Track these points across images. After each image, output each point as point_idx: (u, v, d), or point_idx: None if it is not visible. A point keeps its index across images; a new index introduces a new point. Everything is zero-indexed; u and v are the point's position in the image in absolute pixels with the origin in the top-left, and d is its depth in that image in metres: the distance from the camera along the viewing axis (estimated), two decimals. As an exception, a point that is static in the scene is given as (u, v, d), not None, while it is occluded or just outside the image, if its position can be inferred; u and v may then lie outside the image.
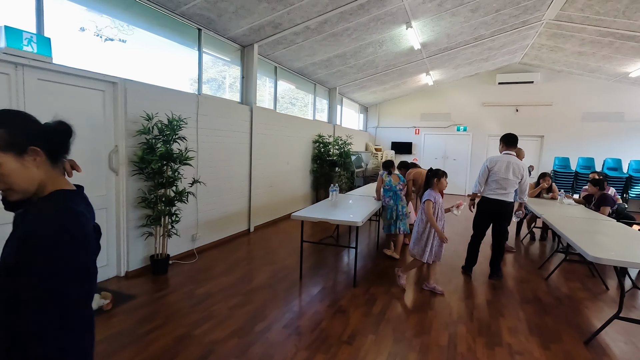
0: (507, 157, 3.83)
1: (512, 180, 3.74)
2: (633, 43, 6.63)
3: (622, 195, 8.68)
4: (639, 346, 2.58)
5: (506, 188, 3.74)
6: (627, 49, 6.95)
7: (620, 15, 5.70)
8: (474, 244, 3.98)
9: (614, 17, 5.79)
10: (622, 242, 2.87)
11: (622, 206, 5.08)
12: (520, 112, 10.33)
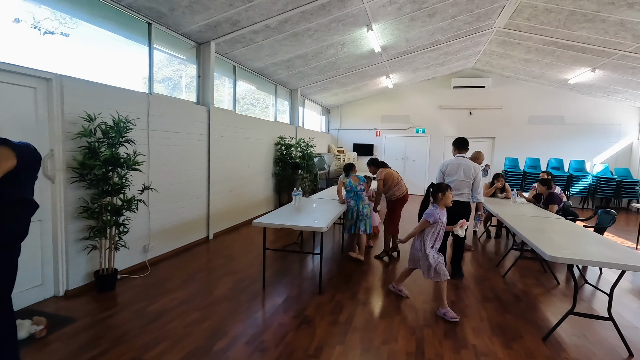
0: (458, 160, 4.03)
1: (464, 181, 3.94)
2: (572, 52, 7.16)
3: (565, 193, 9.37)
4: (591, 340, 2.71)
5: (459, 189, 3.94)
6: (567, 57, 7.50)
7: (561, 26, 6.11)
8: None
9: (555, 27, 6.20)
10: (572, 239, 3.02)
11: (567, 204, 5.43)
12: (473, 115, 10.84)
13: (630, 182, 9.17)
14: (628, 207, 9.62)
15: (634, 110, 9.74)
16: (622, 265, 2.39)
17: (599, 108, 9.91)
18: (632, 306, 3.39)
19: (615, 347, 2.61)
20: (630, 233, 6.55)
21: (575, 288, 2.71)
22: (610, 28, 5.74)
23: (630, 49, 6.31)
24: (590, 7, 5.23)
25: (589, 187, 9.41)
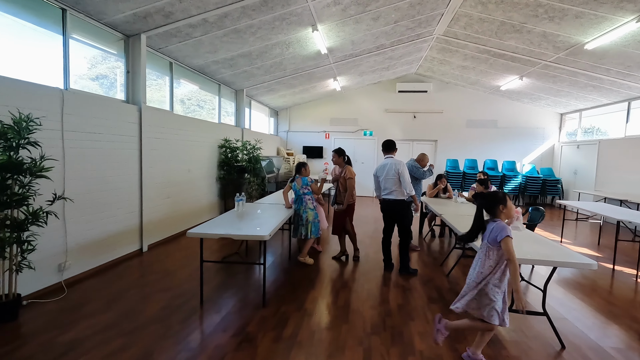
0: (385, 161, 4.26)
1: (390, 179, 4.10)
2: (503, 60, 7.69)
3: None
4: (528, 335, 2.81)
5: (388, 188, 4.14)
6: (498, 65, 8.04)
7: (493, 35, 6.51)
8: (384, 241, 4.37)
9: (488, 36, 6.59)
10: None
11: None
12: (417, 118, 11.26)
13: (553, 180, 10.10)
14: (552, 203, 10.59)
15: (555, 115, 10.78)
16: (554, 262, 2.49)
17: (526, 113, 10.82)
18: (561, 297, 3.61)
19: (549, 341, 2.72)
20: (555, 227, 7.16)
21: (513, 286, 2.78)
22: (534, 39, 6.22)
23: (552, 59, 6.92)
24: (518, 18, 5.61)
25: (520, 185, 10.21)
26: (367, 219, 7.59)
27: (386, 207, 4.22)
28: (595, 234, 6.78)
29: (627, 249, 5.51)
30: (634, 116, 8.12)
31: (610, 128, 9.21)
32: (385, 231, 4.33)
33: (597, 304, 3.52)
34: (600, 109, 9.18)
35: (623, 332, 2.94)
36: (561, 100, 9.49)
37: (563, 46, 6.20)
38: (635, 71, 6.52)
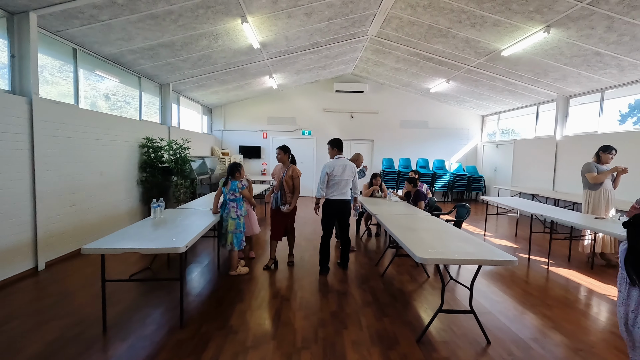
0: (342, 161, 4.17)
1: (347, 180, 4.14)
2: (431, 64, 8.04)
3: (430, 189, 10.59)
4: (457, 333, 2.82)
5: (344, 188, 4.14)
6: (428, 68, 8.40)
7: (423, 39, 6.74)
8: (325, 243, 4.21)
9: (418, 39, 6.81)
10: (438, 237, 3.14)
11: (432, 200, 5.97)
12: (354, 118, 11.41)
13: (477, 177, 10.91)
14: (476, 198, 11.44)
15: (478, 117, 11.66)
16: (479, 260, 2.51)
17: (452, 115, 11.54)
18: (484, 290, 3.76)
19: (477, 337, 2.75)
20: (480, 221, 7.67)
21: (443, 286, 2.78)
22: (459, 44, 6.56)
23: (474, 64, 7.38)
24: (444, 23, 5.84)
25: (448, 182, 10.85)
26: (305, 220, 7.42)
27: (341, 206, 4.16)
28: (512, 226, 7.39)
29: (540, 239, 6.05)
30: (542, 119, 9.06)
31: (523, 129, 10.19)
32: (328, 233, 4.21)
33: (516, 294, 3.72)
34: (515, 112, 10.11)
35: (539, 320, 3.11)
36: (482, 103, 10.26)
37: (483, 52, 6.63)
38: (542, 78, 7.22)
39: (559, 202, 7.23)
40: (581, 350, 2.62)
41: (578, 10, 4.53)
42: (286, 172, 4.17)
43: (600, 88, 7.01)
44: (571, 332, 2.91)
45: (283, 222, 4.32)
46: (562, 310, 3.35)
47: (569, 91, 7.61)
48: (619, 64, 5.78)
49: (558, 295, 3.74)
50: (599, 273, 4.48)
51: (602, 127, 7.19)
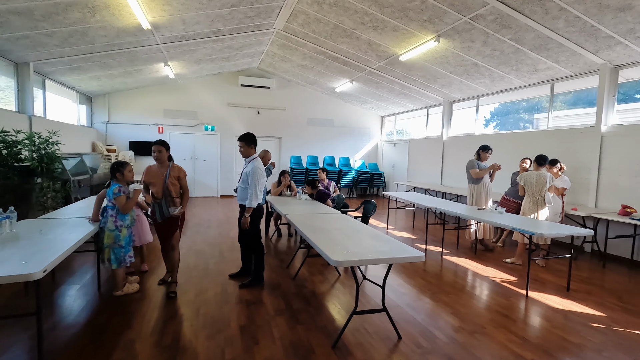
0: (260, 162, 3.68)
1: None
2: (337, 64, 8.21)
3: (337, 185, 10.92)
4: (370, 332, 2.81)
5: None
6: (334, 67, 8.57)
7: (328, 38, 6.80)
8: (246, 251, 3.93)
9: (324, 38, 6.84)
10: (350, 236, 3.10)
11: (340, 197, 6.07)
12: (261, 114, 11.05)
13: (378, 174, 11.66)
14: (377, 193, 12.24)
15: (378, 117, 12.45)
16: (391, 259, 2.52)
17: (356, 114, 12.10)
18: (392, 284, 3.91)
19: (388, 334, 2.78)
20: (382, 215, 8.16)
21: (357, 287, 2.74)
22: (362, 46, 6.80)
23: (375, 67, 7.77)
24: (348, 24, 5.95)
25: (353, 179, 11.35)
26: (209, 222, 6.83)
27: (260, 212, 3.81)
28: (410, 219, 8.05)
29: (433, 230, 6.68)
30: (432, 121, 10.10)
31: (416, 130, 11.25)
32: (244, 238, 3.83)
33: (419, 284, 3.95)
34: (409, 114, 11.08)
35: (440, 308, 3.33)
36: (382, 105, 10.98)
37: (384, 55, 7.00)
38: (432, 83, 8.00)
39: (446, 195, 8.14)
40: (476, 332, 2.86)
41: (462, 23, 5.06)
42: (170, 173, 3.38)
43: (476, 95, 8.09)
44: (466, 315, 3.18)
45: (172, 230, 3.45)
46: (457, 295, 3.67)
47: (453, 97, 8.61)
48: (490, 75, 6.72)
49: (452, 281, 4.11)
50: (480, 257, 5.10)
51: (478, 129, 8.34)
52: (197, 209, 8.42)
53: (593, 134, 5.50)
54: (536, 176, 4.68)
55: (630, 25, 4.25)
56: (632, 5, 3.87)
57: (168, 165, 3.41)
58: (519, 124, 9.34)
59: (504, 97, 7.80)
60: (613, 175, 5.27)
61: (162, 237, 3.47)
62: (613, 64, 5.28)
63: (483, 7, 4.55)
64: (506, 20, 4.73)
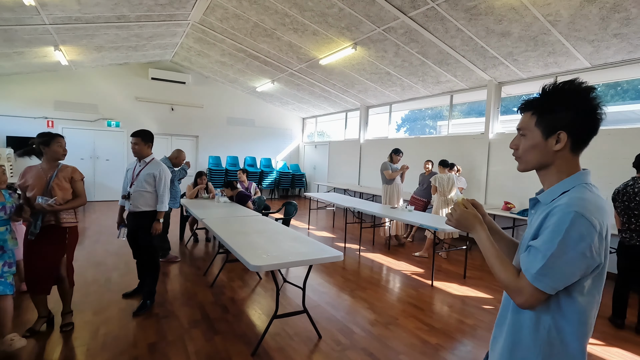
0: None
1: None
2: (257, 62, 8.06)
3: (258, 186, 10.72)
4: (291, 334, 2.80)
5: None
6: (254, 66, 8.39)
7: (249, 36, 6.63)
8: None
9: (244, 35, 6.65)
10: (270, 239, 3.04)
11: (262, 198, 5.96)
12: (176, 111, 10.29)
13: (300, 175, 11.79)
14: (299, 194, 12.36)
15: (299, 119, 12.58)
16: (311, 260, 2.54)
17: (278, 115, 12.05)
18: (312, 283, 3.96)
19: (309, 334, 2.80)
20: (304, 216, 8.25)
21: (277, 291, 2.69)
22: (283, 47, 6.78)
23: (296, 69, 7.83)
24: (269, 23, 5.88)
25: (275, 180, 11.28)
26: (113, 230, 6.09)
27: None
28: (330, 218, 8.29)
29: (352, 228, 6.98)
30: (350, 124, 10.57)
31: (336, 132, 11.67)
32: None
33: (338, 282, 4.08)
34: (329, 117, 11.43)
35: (358, 303, 3.48)
36: (303, 106, 11.12)
37: (304, 58, 7.09)
38: (350, 89, 8.37)
39: (363, 195, 8.60)
40: (390, 324, 3.06)
41: (376, 34, 5.39)
42: (58, 175, 2.64)
43: (389, 102, 8.70)
44: (381, 308, 3.38)
45: (50, 259, 2.59)
46: (373, 290, 3.88)
47: (369, 102, 9.13)
48: (401, 84, 7.29)
49: (369, 276, 4.34)
50: (393, 252, 5.49)
51: (391, 133, 8.99)
52: (97, 215, 7.46)
53: (482, 140, 6.35)
54: (447, 178, 5.24)
55: (509, 49, 5.01)
56: (511, 32, 4.57)
57: (55, 165, 2.74)
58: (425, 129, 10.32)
59: (413, 105, 8.55)
60: (498, 176, 6.16)
61: (31, 264, 2.56)
62: (497, 80, 6.17)
63: (394, 21, 4.91)
64: (414, 35, 5.18)
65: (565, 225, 0.84)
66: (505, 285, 0.93)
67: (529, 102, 1.00)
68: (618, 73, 5.12)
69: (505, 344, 0.99)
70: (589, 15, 3.92)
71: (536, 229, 0.92)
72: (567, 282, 0.87)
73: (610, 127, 5.05)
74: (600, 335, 3.01)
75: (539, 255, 0.87)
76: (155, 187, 3.14)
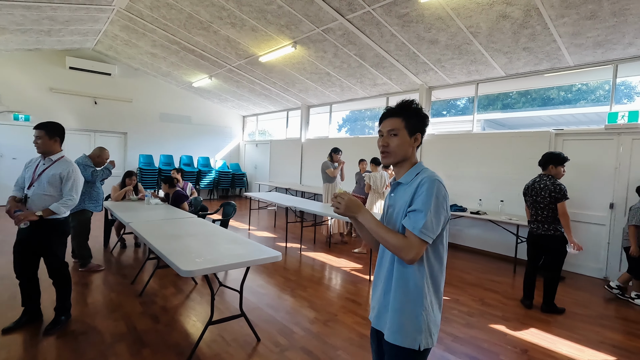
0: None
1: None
2: (193, 56, 7.65)
3: (196, 187, 10.21)
4: (228, 340, 2.69)
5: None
6: (189, 60, 7.95)
7: (182, 27, 6.26)
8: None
9: (177, 26, 6.26)
10: (206, 241, 2.90)
11: (198, 199, 5.67)
12: (100, 105, 9.35)
13: (240, 174, 11.47)
14: (240, 194, 12.03)
15: (239, 117, 12.24)
16: (248, 262, 2.46)
17: (216, 112, 11.58)
18: (251, 285, 3.86)
19: (247, 338, 2.72)
20: (244, 216, 8.04)
21: (212, 296, 2.57)
22: (221, 41, 6.52)
23: (235, 65, 7.59)
24: (205, 15, 5.61)
25: (214, 180, 10.83)
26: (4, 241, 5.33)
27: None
28: (272, 218, 8.19)
29: (293, 227, 6.96)
30: (291, 123, 10.54)
31: (277, 131, 11.56)
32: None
33: (279, 282, 4.03)
34: (271, 115, 11.28)
35: (298, 302, 3.47)
36: (243, 104, 10.83)
37: (244, 54, 6.90)
38: (291, 87, 8.34)
39: (305, 194, 8.63)
40: (329, 321, 3.09)
41: (315, 34, 5.43)
42: None
43: (329, 102, 8.84)
44: (321, 306, 3.41)
45: None
46: (314, 288, 3.90)
47: (310, 102, 9.19)
48: (340, 84, 7.45)
49: (310, 275, 4.35)
50: (334, 250, 5.59)
51: (332, 133, 9.15)
52: (1, 221, 6.49)
53: (416, 141, 6.75)
54: (380, 176, 5.45)
55: (438, 56, 5.38)
56: (439, 40, 4.91)
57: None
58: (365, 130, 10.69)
59: (353, 106, 8.79)
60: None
61: None
62: (428, 85, 6.60)
63: (333, 22, 4.99)
64: (352, 37, 5.32)
65: (434, 189, 1.18)
66: (398, 247, 1.18)
67: (399, 109, 1.30)
68: (527, 82, 5.79)
69: (397, 295, 1.26)
70: (503, 29, 4.37)
71: (409, 200, 1.22)
72: (438, 232, 1.19)
73: (520, 131, 5.69)
74: (513, 316, 3.37)
75: (421, 214, 1.17)
76: (61, 189, 2.68)
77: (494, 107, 9.52)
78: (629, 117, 4.36)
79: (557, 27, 4.11)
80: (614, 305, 3.77)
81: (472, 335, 2.96)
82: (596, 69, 4.83)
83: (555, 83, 5.78)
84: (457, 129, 6.51)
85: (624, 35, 4.03)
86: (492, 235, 5.58)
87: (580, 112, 7.81)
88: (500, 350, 2.73)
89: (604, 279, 4.56)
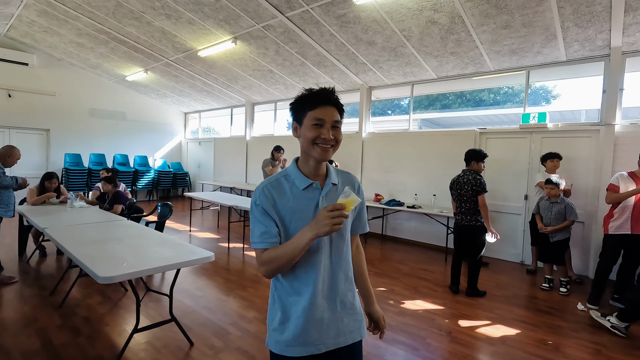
0: None
1: None
2: (125, 48, 7.14)
3: (132, 188, 9.56)
4: (158, 346, 2.57)
5: None
6: (121, 52, 7.40)
7: (111, 16, 5.81)
8: None
9: (105, 14, 5.80)
10: (134, 245, 2.73)
11: (132, 201, 5.31)
12: (15, 98, 8.36)
13: (182, 173, 10.95)
14: (182, 194, 11.49)
15: (180, 113, 11.67)
16: (178, 264, 2.36)
17: (155, 108, 10.92)
18: (188, 288, 3.72)
19: (179, 343, 2.62)
20: (186, 217, 7.70)
21: (138, 303, 2.43)
22: (155, 33, 6.16)
23: (172, 59, 7.21)
24: (135, 5, 5.26)
25: (153, 180, 10.22)
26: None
27: None
28: (215, 218, 7.94)
29: (237, 227, 6.81)
30: (235, 120, 10.28)
31: (222, 128, 11.22)
32: None
33: (219, 284, 3.93)
34: (214, 112, 10.90)
35: (237, 303, 3.41)
36: (184, 100, 10.34)
37: (181, 48, 6.58)
38: (234, 84, 8.14)
39: (250, 193, 8.48)
40: (267, 319, 3.08)
41: (256, 30, 5.35)
42: None
43: (274, 100, 8.77)
44: (260, 305, 3.39)
45: None
46: (254, 287, 3.86)
47: (254, 99, 9.04)
48: (284, 82, 7.43)
49: (252, 275, 4.30)
50: (278, 248, 5.56)
51: (277, 131, 9.09)
52: None
53: (357, 139, 6.96)
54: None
55: (375, 57, 5.59)
56: (376, 42, 5.10)
57: None
58: (310, 128, 10.70)
59: (297, 104, 8.78)
60: (370, 171, 6.83)
61: None
62: (368, 85, 6.83)
63: (273, 19, 4.95)
64: (292, 35, 5.32)
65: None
66: None
67: (337, 101, 1.19)
68: (457, 85, 6.23)
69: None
70: (433, 34, 4.66)
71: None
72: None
73: (450, 130, 6.13)
74: (441, 302, 3.63)
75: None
76: None
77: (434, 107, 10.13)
78: (538, 117, 4.89)
79: (479, 35, 4.48)
80: (527, 285, 4.23)
81: (403, 322, 3.14)
82: (513, 74, 5.35)
83: (480, 86, 6.29)
84: (396, 128, 6.83)
85: (533, 44, 4.51)
86: (427, 228, 5.95)
87: (503, 113, 8.60)
88: (427, 334, 2.93)
89: (521, 263, 5.09)
